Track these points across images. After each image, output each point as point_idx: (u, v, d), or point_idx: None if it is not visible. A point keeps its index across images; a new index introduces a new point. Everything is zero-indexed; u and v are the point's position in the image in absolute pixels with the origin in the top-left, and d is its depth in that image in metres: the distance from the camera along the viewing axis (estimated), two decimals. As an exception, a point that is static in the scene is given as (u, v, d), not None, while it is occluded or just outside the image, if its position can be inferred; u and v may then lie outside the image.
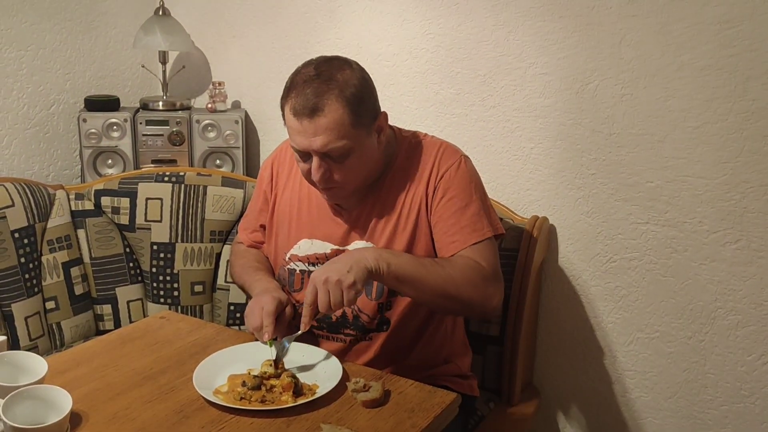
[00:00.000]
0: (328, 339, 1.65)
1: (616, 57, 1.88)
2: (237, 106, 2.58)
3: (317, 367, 1.45)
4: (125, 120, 2.35)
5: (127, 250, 2.23)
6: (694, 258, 1.88)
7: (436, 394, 1.38)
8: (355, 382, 1.36)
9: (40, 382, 1.24)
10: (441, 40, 2.13)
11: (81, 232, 2.19)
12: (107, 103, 2.39)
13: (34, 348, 2.03)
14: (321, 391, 1.34)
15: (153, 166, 2.38)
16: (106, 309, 2.21)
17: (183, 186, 2.22)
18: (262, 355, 1.44)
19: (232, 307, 2.23)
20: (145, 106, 2.47)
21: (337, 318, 1.62)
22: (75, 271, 2.16)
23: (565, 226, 2.04)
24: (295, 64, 1.53)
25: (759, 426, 1.89)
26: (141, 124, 2.38)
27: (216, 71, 2.63)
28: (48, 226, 2.11)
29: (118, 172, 2.36)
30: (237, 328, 2.18)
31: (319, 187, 1.53)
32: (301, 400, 1.32)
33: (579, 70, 1.94)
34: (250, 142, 2.57)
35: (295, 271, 1.65)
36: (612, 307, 2.02)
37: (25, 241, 2.04)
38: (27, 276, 2.04)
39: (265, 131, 2.57)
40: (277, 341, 1.47)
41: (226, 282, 2.23)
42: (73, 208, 2.19)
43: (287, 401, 1.31)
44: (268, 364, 1.40)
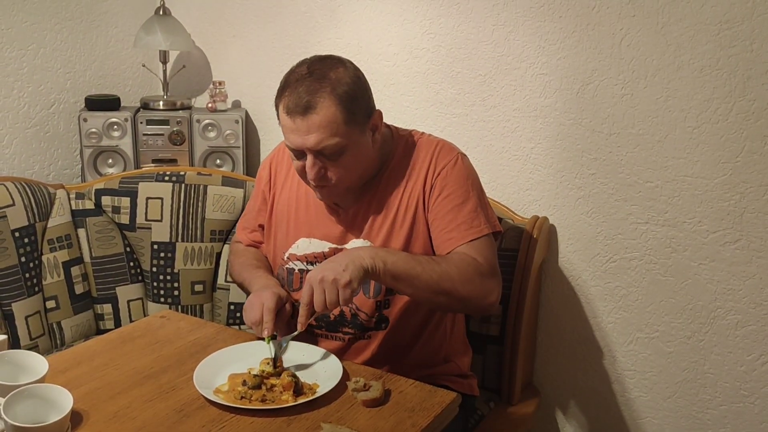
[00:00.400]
0: (327, 338, 1.65)
1: (616, 57, 1.88)
2: (237, 105, 2.58)
3: (317, 366, 1.45)
4: (126, 119, 2.35)
5: (128, 250, 2.23)
6: (694, 258, 1.89)
7: (437, 394, 1.38)
8: (355, 381, 1.36)
9: (41, 381, 1.24)
10: (441, 39, 2.13)
11: (81, 232, 2.19)
12: (108, 103, 2.40)
13: (34, 347, 2.03)
14: (321, 391, 1.34)
15: (153, 165, 2.38)
16: (107, 308, 2.21)
17: (183, 185, 2.22)
18: (263, 354, 1.44)
19: (232, 307, 2.23)
20: (145, 106, 2.47)
21: (336, 317, 1.62)
22: (75, 271, 2.16)
23: (565, 226, 2.05)
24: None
25: (758, 426, 1.90)
26: (141, 123, 2.38)
27: (216, 71, 2.63)
28: (48, 226, 2.12)
29: (119, 171, 2.36)
30: (237, 327, 2.19)
31: (313, 186, 1.54)
32: (301, 400, 1.32)
33: (579, 70, 1.94)
34: (251, 141, 2.57)
35: (293, 270, 1.66)
36: (612, 307, 2.02)
37: (26, 240, 2.04)
38: (27, 275, 2.04)
39: (265, 131, 2.57)
40: (276, 339, 1.47)
41: (226, 281, 2.23)
42: (73, 208, 2.19)
43: (287, 400, 1.31)
44: (266, 363, 1.41)
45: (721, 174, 1.81)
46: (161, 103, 2.46)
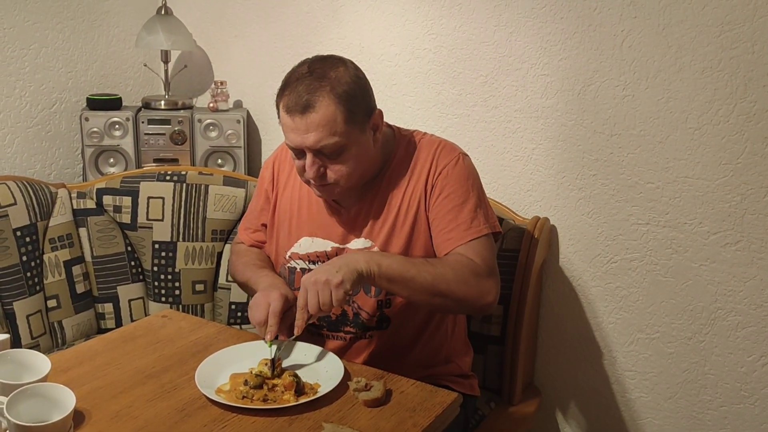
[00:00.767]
0: (329, 337, 1.65)
1: (618, 58, 1.88)
2: (239, 105, 2.58)
3: (319, 366, 1.45)
4: (127, 119, 2.36)
5: (129, 249, 2.23)
6: (695, 259, 1.89)
7: (438, 394, 1.38)
8: (356, 381, 1.36)
9: (44, 380, 1.24)
10: (443, 40, 2.13)
11: (83, 231, 2.19)
12: (109, 102, 2.40)
13: (35, 346, 2.03)
14: (323, 391, 1.35)
15: (155, 165, 2.38)
16: (108, 307, 2.22)
17: (184, 185, 2.22)
18: (265, 354, 1.44)
19: (233, 306, 2.23)
20: (147, 105, 2.47)
21: (337, 316, 1.63)
22: (76, 270, 2.16)
23: (566, 227, 2.05)
24: (298, 64, 1.53)
25: (758, 427, 1.90)
26: (143, 123, 2.38)
27: (218, 70, 2.63)
28: (50, 225, 2.12)
29: (120, 170, 2.36)
30: (238, 327, 2.19)
31: (313, 185, 1.54)
32: (302, 399, 1.32)
33: (580, 71, 1.94)
34: (252, 141, 2.57)
35: (295, 269, 1.66)
36: (612, 308, 2.02)
37: (27, 239, 2.05)
38: (29, 274, 2.04)
39: (266, 131, 2.57)
40: (278, 339, 1.47)
41: (227, 281, 2.23)
42: (74, 207, 2.19)
43: (289, 400, 1.32)
44: (263, 363, 1.41)
45: (722, 175, 1.81)
46: (163, 102, 2.47)
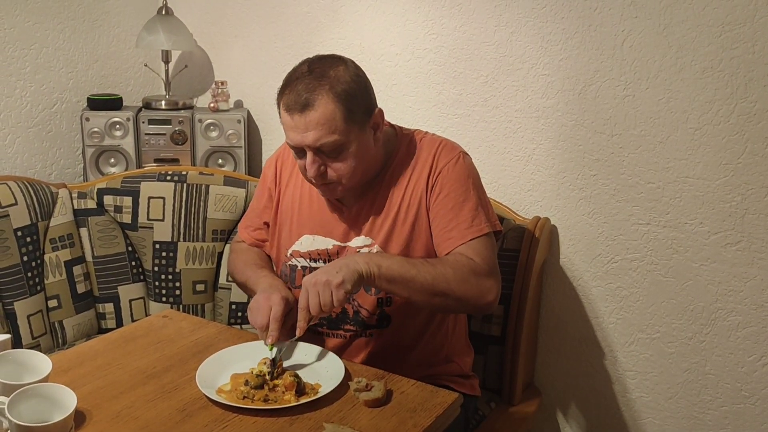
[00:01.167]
0: (328, 335, 1.65)
1: (618, 58, 1.88)
2: (239, 105, 2.58)
3: (320, 366, 1.45)
4: (128, 119, 2.36)
5: (130, 249, 2.23)
6: (695, 259, 1.89)
7: (438, 394, 1.38)
8: (357, 381, 1.37)
9: (44, 380, 1.24)
10: (444, 40, 2.13)
11: (83, 231, 2.19)
12: (110, 102, 2.40)
13: (36, 346, 2.03)
14: (323, 391, 1.35)
15: (155, 165, 2.38)
16: (108, 307, 2.22)
17: (185, 185, 2.22)
18: (265, 354, 1.44)
19: (233, 306, 2.23)
20: (147, 105, 2.47)
21: (337, 314, 1.63)
22: (77, 270, 2.16)
23: (566, 227, 2.05)
24: (298, 64, 1.53)
25: (759, 427, 1.90)
26: (143, 123, 2.38)
27: (218, 70, 2.63)
28: (50, 225, 2.12)
29: (121, 171, 2.36)
30: (239, 327, 2.19)
31: (315, 184, 1.54)
32: (303, 400, 1.32)
33: (581, 71, 1.94)
34: (253, 141, 2.58)
35: (296, 267, 1.66)
36: (613, 308, 2.03)
37: (28, 239, 2.05)
38: (29, 274, 2.04)
39: (267, 131, 2.57)
40: (279, 341, 1.47)
41: (227, 281, 2.23)
42: (75, 207, 2.19)
43: (290, 400, 1.32)
44: (263, 363, 1.41)
45: (723, 175, 1.81)
46: (163, 102, 2.47)
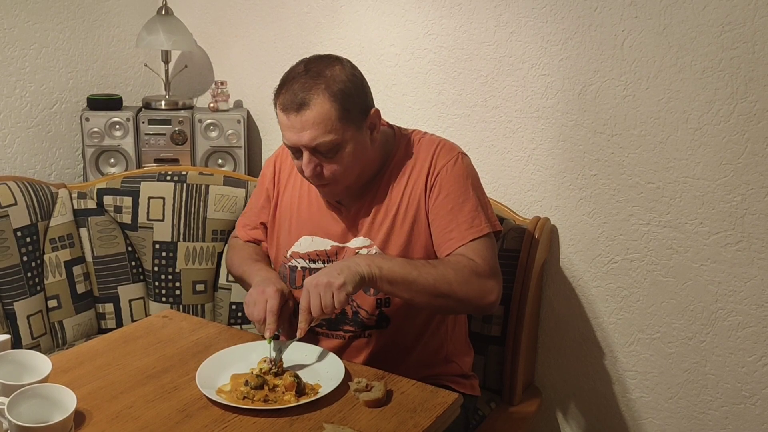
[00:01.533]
0: (327, 336, 1.65)
1: (618, 58, 1.88)
2: (239, 105, 2.58)
3: (320, 366, 1.45)
4: (128, 119, 2.35)
5: (129, 249, 2.23)
6: (695, 259, 1.89)
7: (438, 394, 1.38)
8: (357, 381, 1.37)
9: (44, 380, 1.24)
10: (443, 40, 2.13)
11: (83, 231, 2.19)
12: (110, 102, 2.40)
13: (36, 346, 2.03)
14: (323, 391, 1.35)
15: (155, 165, 2.38)
16: (108, 308, 2.21)
17: (185, 185, 2.22)
18: (265, 355, 1.45)
19: (233, 307, 2.23)
20: (147, 105, 2.47)
21: (336, 315, 1.63)
22: (77, 270, 2.16)
23: (566, 227, 2.05)
24: (298, 64, 1.53)
25: (759, 427, 1.90)
26: (143, 123, 2.38)
27: (218, 71, 2.63)
28: (50, 225, 2.12)
29: (121, 171, 2.36)
30: (239, 327, 2.19)
31: (314, 183, 1.55)
32: (303, 400, 1.32)
33: (581, 71, 1.94)
34: (252, 141, 2.57)
35: (296, 268, 1.66)
36: (613, 308, 2.02)
37: (28, 239, 2.05)
38: (29, 274, 2.04)
39: (267, 131, 2.57)
40: (278, 340, 1.47)
41: (227, 281, 2.23)
42: (75, 207, 2.19)
43: (290, 401, 1.32)
44: (263, 361, 1.41)
45: (723, 175, 1.81)
46: (163, 102, 2.47)
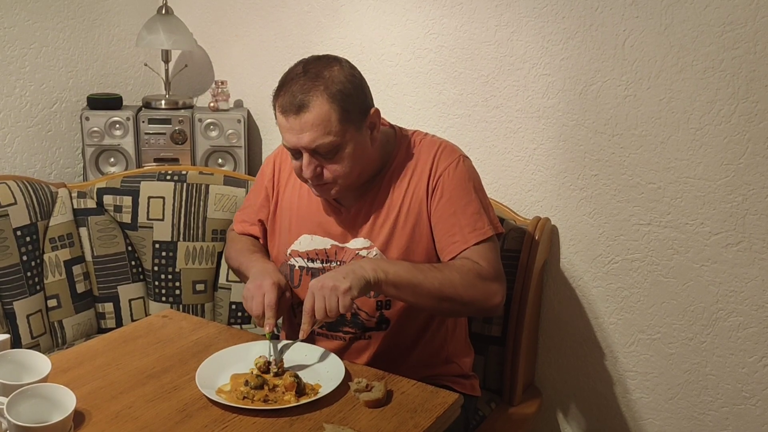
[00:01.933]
0: (327, 337, 1.65)
1: (619, 58, 1.88)
2: (239, 105, 2.58)
3: (320, 366, 1.45)
4: (128, 118, 2.35)
5: (129, 249, 2.23)
6: (696, 259, 1.89)
7: (439, 395, 1.38)
8: (357, 382, 1.36)
9: (44, 380, 1.24)
10: (444, 40, 2.13)
11: (83, 231, 2.19)
12: (110, 102, 2.40)
13: (35, 346, 2.03)
14: (324, 391, 1.34)
15: (155, 164, 2.38)
16: (108, 307, 2.21)
17: (185, 185, 2.22)
18: (264, 353, 1.45)
19: (233, 306, 2.23)
20: (147, 105, 2.47)
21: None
22: (77, 269, 2.16)
23: (567, 227, 2.04)
24: (299, 63, 1.53)
25: (760, 428, 1.90)
26: (143, 122, 2.38)
27: (218, 70, 2.63)
28: (50, 224, 2.11)
29: (121, 170, 2.36)
30: (239, 327, 2.19)
31: (311, 184, 1.54)
32: (303, 400, 1.32)
33: (582, 71, 1.94)
34: (253, 141, 2.57)
35: (294, 267, 1.66)
36: (614, 308, 2.02)
37: (27, 239, 2.04)
38: (29, 274, 2.04)
39: (267, 130, 2.57)
40: (277, 339, 1.47)
41: (227, 281, 2.23)
42: (75, 207, 2.19)
43: (290, 401, 1.31)
44: (260, 358, 1.42)
45: (724, 176, 1.81)
46: (163, 102, 2.46)
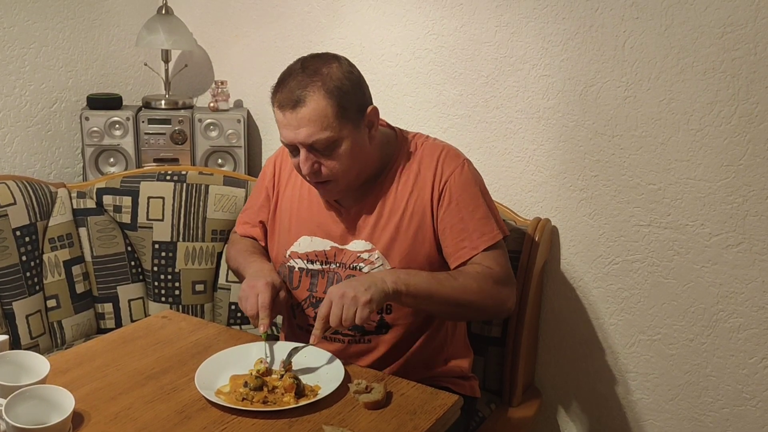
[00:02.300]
0: (326, 339, 1.64)
1: (619, 59, 1.88)
2: (239, 105, 2.58)
3: (319, 368, 1.45)
4: (127, 118, 2.35)
5: (129, 249, 2.23)
6: (696, 261, 1.88)
7: (438, 396, 1.38)
8: (357, 383, 1.36)
9: (42, 381, 1.23)
10: (444, 40, 2.13)
11: (82, 231, 2.18)
12: (109, 102, 2.39)
13: (35, 346, 2.03)
14: (323, 393, 1.34)
15: (155, 164, 2.37)
16: (107, 307, 2.21)
17: (185, 185, 2.22)
18: (261, 355, 1.45)
19: (233, 307, 2.23)
20: (147, 105, 2.47)
21: None
22: (76, 270, 2.16)
23: (567, 228, 2.04)
24: (299, 64, 1.53)
25: (760, 428, 1.89)
26: (143, 122, 2.37)
27: (218, 70, 2.62)
28: (49, 225, 2.11)
29: (120, 170, 2.36)
30: (238, 327, 2.18)
31: (311, 182, 1.54)
32: (303, 402, 1.32)
33: (582, 72, 1.93)
34: (252, 141, 2.57)
35: (294, 268, 1.65)
36: (614, 309, 2.02)
37: (27, 239, 2.04)
38: (28, 274, 2.04)
39: (267, 130, 2.57)
40: (275, 339, 1.47)
41: (227, 281, 2.23)
42: (74, 207, 2.18)
43: (289, 402, 1.31)
44: (259, 362, 1.41)
45: (724, 177, 1.81)
46: (163, 102, 2.46)
